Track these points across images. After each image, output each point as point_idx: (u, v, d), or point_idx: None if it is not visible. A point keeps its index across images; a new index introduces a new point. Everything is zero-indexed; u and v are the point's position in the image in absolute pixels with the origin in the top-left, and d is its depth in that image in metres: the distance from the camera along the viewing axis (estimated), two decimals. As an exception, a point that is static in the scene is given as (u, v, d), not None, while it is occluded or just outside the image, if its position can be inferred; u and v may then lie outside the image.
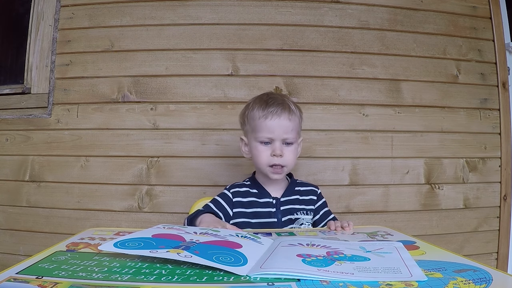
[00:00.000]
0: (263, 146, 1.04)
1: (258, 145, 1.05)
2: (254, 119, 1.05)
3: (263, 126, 1.03)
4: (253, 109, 1.06)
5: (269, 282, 0.52)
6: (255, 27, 1.58)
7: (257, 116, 1.04)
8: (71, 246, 0.71)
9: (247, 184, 1.13)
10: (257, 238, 0.75)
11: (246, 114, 1.09)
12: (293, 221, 1.09)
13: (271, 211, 1.08)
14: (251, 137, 1.07)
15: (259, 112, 1.04)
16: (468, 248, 1.62)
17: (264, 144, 1.04)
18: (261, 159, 1.05)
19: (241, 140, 1.12)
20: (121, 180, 1.53)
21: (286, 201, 1.11)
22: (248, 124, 1.08)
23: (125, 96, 1.56)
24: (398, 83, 1.62)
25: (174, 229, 0.76)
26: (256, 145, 1.05)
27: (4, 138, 1.57)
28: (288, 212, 1.09)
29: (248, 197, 1.10)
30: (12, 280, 0.51)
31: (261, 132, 1.03)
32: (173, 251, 0.60)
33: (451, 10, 1.67)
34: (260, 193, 1.10)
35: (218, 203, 1.08)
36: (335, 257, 0.62)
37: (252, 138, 1.06)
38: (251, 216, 1.07)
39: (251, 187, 1.12)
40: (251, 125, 1.06)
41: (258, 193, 1.10)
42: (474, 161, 1.65)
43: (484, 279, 0.53)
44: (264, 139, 1.04)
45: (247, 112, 1.09)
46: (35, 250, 0.76)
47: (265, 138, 1.04)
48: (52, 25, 1.60)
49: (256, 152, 1.05)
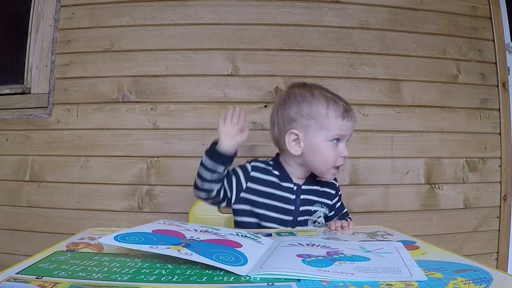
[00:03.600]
0: (333, 146, 1.00)
1: (329, 145, 1.00)
2: (329, 117, 0.99)
3: (339, 125, 0.99)
4: (325, 106, 1.00)
5: (269, 282, 0.52)
6: (255, 27, 1.58)
7: (333, 115, 0.99)
8: (71, 246, 0.71)
9: (270, 163, 1.07)
10: (257, 237, 0.75)
11: (310, 107, 1.01)
12: (311, 213, 1.05)
13: (290, 197, 1.04)
14: (316, 135, 1.00)
15: (336, 111, 0.99)
16: (468, 248, 1.62)
17: (333, 143, 1.00)
18: (330, 160, 1.00)
19: (291, 134, 1.01)
20: (121, 180, 1.53)
21: (307, 190, 1.07)
22: (312, 119, 1.00)
23: (125, 96, 1.56)
24: (398, 83, 1.62)
25: (175, 225, 0.77)
26: (326, 144, 1.00)
27: (4, 138, 1.57)
28: (307, 202, 1.05)
29: (269, 175, 1.05)
30: (12, 280, 0.51)
31: (339, 131, 0.99)
32: (173, 248, 0.60)
33: (451, 10, 1.67)
34: (282, 175, 1.05)
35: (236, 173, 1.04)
36: (335, 257, 0.62)
37: (319, 136, 1.00)
38: (266, 196, 1.03)
39: (274, 168, 1.06)
40: (320, 122, 1.00)
41: (279, 175, 1.05)
42: (474, 161, 1.65)
43: (484, 279, 0.53)
44: (337, 136, 1.00)
45: (310, 106, 1.01)
46: (35, 250, 0.76)
47: (339, 136, 1.00)
48: (52, 25, 1.60)
49: (326, 151, 1.00)
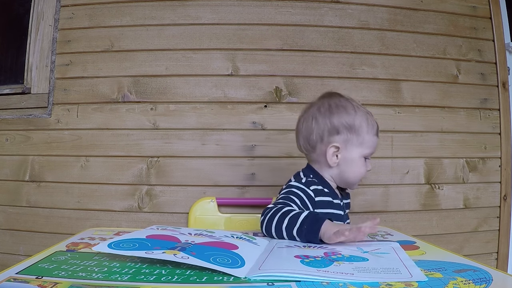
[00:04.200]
0: (363, 162, 1.02)
1: (362, 159, 1.01)
2: (369, 134, 1.00)
3: (372, 143, 1.01)
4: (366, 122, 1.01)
5: (269, 282, 0.52)
6: (255, 27, 1.58)
7: (371, 132, 1.01)
8: (71, 246, 0.71)
9: (317, 182, 1.02)
10: (252, 239, 0.75)
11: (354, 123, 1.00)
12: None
13: (341, 214, 1.03)
14: (355, 150, 1.00)
15: (373, 129, 1.01)
16: (468, 248, 1.62)
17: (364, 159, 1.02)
18: (362, 172, 1.02)
19: (334, 147, 0.99)
20: (121, 180, 1.53)
21: (347, 204, 1.10)
22: (356, 135, 1.00)
23: (125, 96, 1.56)
24: (398, 83, 1.62)
25: (168, 230, 0.76)
26: (361, 160, 1.01)
27: (4, 138, 1.57)
28: (347, 217, 1.07)
29: (326, 196, 1.01)
30: (12, 280, 0.51)
31: (371, 149, 1.02)
32: (169, 252, 0.59)
33: (451, 10, 1.67)
34: (331, 193, 1.02)
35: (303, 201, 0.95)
36: (333, 258, 0.62)
37: (357, 152, 1.00)
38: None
39: (321, 185, 1.02)
40: (361, 138, 1.00)
41: (330, 193, 1.02)
42: (474, 161, 1.65)
43: (484, 279, 0.53)
44: (369, 155, 1.02)
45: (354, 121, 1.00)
46: (35, 250, 0.76)
47: (370, 154, 1.02)
48: (52, 25, 1.60)
49: (359, 165, 1.01)
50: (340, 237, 0.71)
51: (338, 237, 0.71)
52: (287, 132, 1.54)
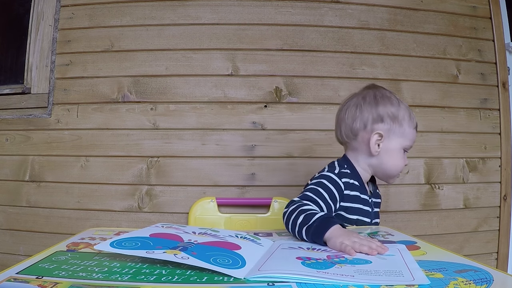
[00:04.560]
0: (403, 153, 1.03)
1: (402, 151, 1.03)
2: (410, 127, 1.02)
3: (412, 136, 1.03)
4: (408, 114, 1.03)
5: (269, 282, 0.52)
6: (255, 27, 1.58)
7: (411, 125, 1.03)
8: (72, 246, 0.71)
9: (349, 174, 1.02)
10: (257, 239, 0.75)
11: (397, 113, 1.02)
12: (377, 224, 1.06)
13: (368, 210, 1.02)
14: (397, 140, 1.01)
15: (413, 122, 1.03)
16: (468, 248, 1.62)
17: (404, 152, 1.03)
18: (400, 166, 1.03)
19: (378, 135, 1.00)
20: (121, 180, 1.53)
21: (376, 203, 1.09)
22: (398, 125, 1.01)
23: (125, 96, 1.56)
24: (398, 83, 1.62)
25: (173, 228, 0.76)
26: (400, 151, 1.02)
27: (4, 138, 1.57)
28: (376, 215, 1.06)
29: (354, 190, 1.00)
30: (12, 280, 0.51)
31: (410, 142, 1.03)
32: (170, 252, 0.59)
33: (451, 10, 1.67)
34: (361, 187, 1.02)
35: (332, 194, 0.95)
36: (336, 260, 0.62)
37: (398, 142, 1.02)
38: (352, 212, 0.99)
39: (353, 178, 1.02)
40: (403, 129, 1.02)
41: (359, 187, 1.02)
42: (474, 161, 1.65)
43: (485, 280, 0.53)
44: (409, 148, 1.03)
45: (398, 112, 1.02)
46: (35, 250, 0.76)
47: (409, 147, 1.04)
48: (52, 25, 1.60)
49: (399, 157, 1.02)
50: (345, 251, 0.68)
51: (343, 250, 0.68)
52: (287, 132, 1.54)
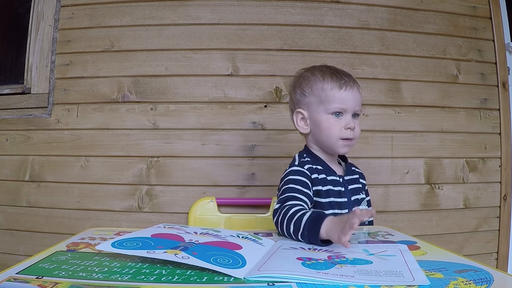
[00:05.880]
0: (335, 119, 0.99)
1: (330, 118, 0.99)
2: (325, 90, 0.99)
3: (337, 97, 0.98)
4: (321, 80, 1.00)
5: (269, 282, 0.52)
6: (255, 27, 1.58)
7: (329, 87, 0.98)
8: (72, 246, 0.71)
9: (310, 161, 1.01)
10: (258, 239, 0.75)
11: (308, 85, 1.01)
12: (359, 201, 1.04)
13: (340, 190, 1.01)
14: (317, 110, 1.00)
15: (331, 83, 0.99)
16: (468, 248, 1.62)
17: (336, 116, 0.99)
18: (333, 132, 0.99)
19: (298, 113, 1.03)
20: (121, 180, 1.53)
21: (350, 180, 1.06)
22: (312, 95, 1.00)
23: (125, 96, 1.56)
24: (398, 83, 1.62)
25: (175, 228, 0.76)
26: (327, 118, 0.99)
27: (4, 138, 1.57)
28: (355, 192, 1.04)
29: (320, 174, 0.99)
30: (12, 280, 0.51)
31: (335, 103, 0.98)
32: (170, 251, 0.59)
33: (451, 10, 1.67)
34: (326, 169, 1.01)
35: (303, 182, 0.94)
36: (336, 261, 0.62)
37: (320, 111, 0.99)
38: (324, 195, 0.98)
39: (315, 163, 1.01)
40: (318, 96, 0.99)
41: (324, 170, 1.00)
42: (474, 161, 1.65)
43: (485, 280, 0.53)
44: (338, 109, 0.98)
45: (308, 83, 1.01)
46: (35, 250, 0.76)
47: (339, 109, 0.98)
48: (52, 25, 1.60)
49: (328, 124, 0.99)
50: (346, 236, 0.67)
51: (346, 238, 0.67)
52: (287, 132, 1.54)
